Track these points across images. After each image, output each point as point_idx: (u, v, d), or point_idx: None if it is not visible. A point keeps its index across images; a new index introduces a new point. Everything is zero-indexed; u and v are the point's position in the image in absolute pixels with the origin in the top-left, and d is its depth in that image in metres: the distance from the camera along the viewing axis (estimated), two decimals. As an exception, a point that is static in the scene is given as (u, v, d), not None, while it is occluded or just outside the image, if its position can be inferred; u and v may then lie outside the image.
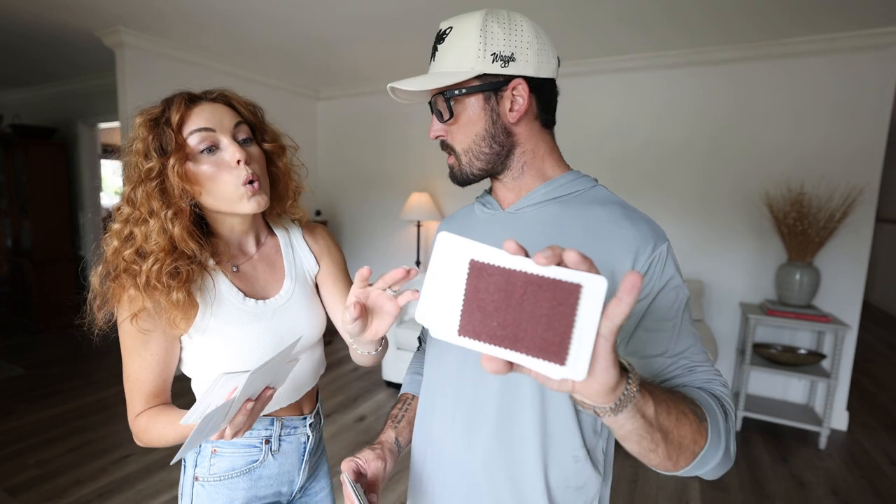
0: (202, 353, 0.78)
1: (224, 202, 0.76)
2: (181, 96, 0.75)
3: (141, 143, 0.72)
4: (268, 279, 0.86)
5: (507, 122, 0.66)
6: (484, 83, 0.64)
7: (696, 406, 0.52)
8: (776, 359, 2.65)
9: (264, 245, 0.89)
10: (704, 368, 0.62)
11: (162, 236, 0.71)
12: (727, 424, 0.54)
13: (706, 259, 3.01)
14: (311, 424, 0.93)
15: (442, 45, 0.66)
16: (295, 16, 2.52)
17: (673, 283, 0.63)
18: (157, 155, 0.71)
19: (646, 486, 2.19)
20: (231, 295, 0.79)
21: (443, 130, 0.69)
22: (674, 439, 0.48)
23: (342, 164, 4.31)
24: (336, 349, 3.97)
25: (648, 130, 3.07)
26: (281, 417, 0.87)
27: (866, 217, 2.59)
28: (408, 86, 0.65)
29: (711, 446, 0.51)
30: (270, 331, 0.81)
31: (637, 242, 0.62)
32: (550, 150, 0.71)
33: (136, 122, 0.74)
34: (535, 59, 0.64)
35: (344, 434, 2.60)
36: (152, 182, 0.72)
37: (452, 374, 0.72)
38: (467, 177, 0.69)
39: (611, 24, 2.51)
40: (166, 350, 0.77)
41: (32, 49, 3.17)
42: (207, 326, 0.77)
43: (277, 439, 0.87)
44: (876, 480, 2.29)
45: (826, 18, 2.33)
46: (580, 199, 0.68)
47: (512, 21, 0.64)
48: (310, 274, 0.93)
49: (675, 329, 0.63)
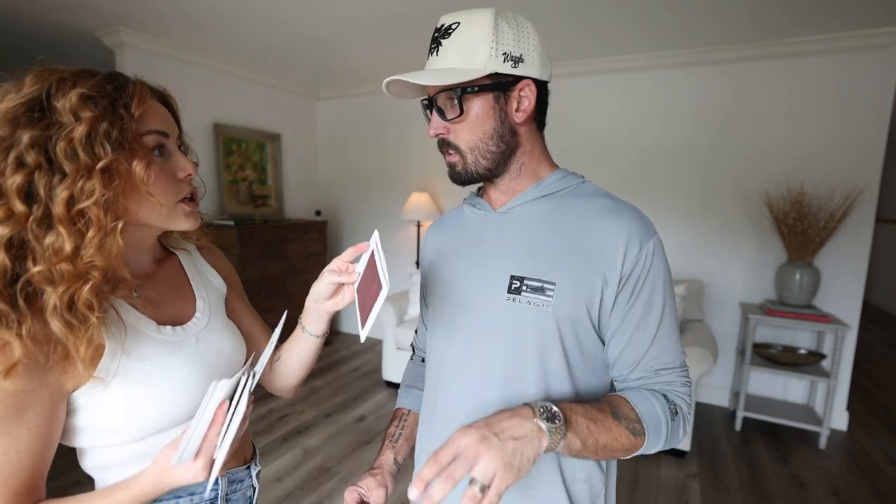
0: (113, 406, 0.59)
1: (154, 215, 0.62)
2: (141, 84, 0.61)
3: (86, 125, 0.53)
4: (176, 302, 0.71)
5: (514, 122, 0.67)
6: (495, 82, 0.64)
7: (636, 422, 0.62)
8: (776, 359, 2.65)
9: (163, 264, 0.74)
10: (668, 371, 0.67)
11: (100, 254, 0.55)
12: (673, 423, 0.65)
13: (706, 259, 3.00)
14: (257, 473, 0.80)
15: (447, 39, 0.64)
16: (295, 16, 2.52)
17: (657, 282, 0.66)
18: (112, 148, 0.55)
19: (646, 486, 2.19)
20: (141, 324, 0.63)
21: (444, 128, 0.68)
22: (606, 454, 0.61)
23: (342, 164, 4.31)
24: (336, 349, 3.97)
25: (649, 130, 3.07)
26: (226, 472, 0.73)
27: (866, 217, 2.59)
28: (416, 79, 0.63)
29: (649, 446, 0.63)
30: (198, 359, 0.67)
31: (627, 234, 0.64)
32: (543, 150, 0.73)
33: (63, 88, 0.54)
34: (539, 62, 0.66)
35: (344, 434, 2.60)
36: (101, 181, 0.54)
37: (456, 374, 0.72)
38: (472, 175, 0.69)
39: (611, 23, 2.51)
40: (50, 419, 0.55)
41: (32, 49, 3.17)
42: (119, 369, 0.59)
43: (224, 500, 0.72)
44: (876, 480, 2.29)
45: (826, 18, 2.33)
46: (569, 195, 0.70)
47: (518, 22, 0.65)
48: (220, 294, 0.80)
49: (654, 328, 0.66)
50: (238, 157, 3.59)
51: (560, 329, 0.65)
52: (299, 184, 4.21)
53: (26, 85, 0.54)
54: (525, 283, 0.66)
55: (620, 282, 0.64)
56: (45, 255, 0.53)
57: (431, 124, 0.69)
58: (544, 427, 0.53)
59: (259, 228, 3.32)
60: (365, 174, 4.19)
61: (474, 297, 0.71)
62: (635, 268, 0.64)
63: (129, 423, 0.60)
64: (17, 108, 0.53)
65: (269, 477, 2.20)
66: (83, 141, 0.53)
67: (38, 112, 0.53)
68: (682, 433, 0.67)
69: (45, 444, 0.55)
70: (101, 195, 0.54)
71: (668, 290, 0.67)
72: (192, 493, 0.68)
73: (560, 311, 0.65)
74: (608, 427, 0.59)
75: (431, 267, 0.81)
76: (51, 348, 0.53)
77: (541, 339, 0.66)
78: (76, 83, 0.55)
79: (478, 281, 0.71)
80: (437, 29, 0.66)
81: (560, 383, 0.67)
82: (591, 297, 0.65)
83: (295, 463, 2.32)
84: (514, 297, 0.67)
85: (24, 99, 0.53)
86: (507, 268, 0.68)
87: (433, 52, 0.66)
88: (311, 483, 2.16)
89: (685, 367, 0.69)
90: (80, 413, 0.59)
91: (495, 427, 0.52)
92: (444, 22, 0.65)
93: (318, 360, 3.67)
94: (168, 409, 0.62)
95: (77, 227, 0.54)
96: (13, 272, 0.52)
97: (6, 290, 0.52)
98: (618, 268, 0.64)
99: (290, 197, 4.11)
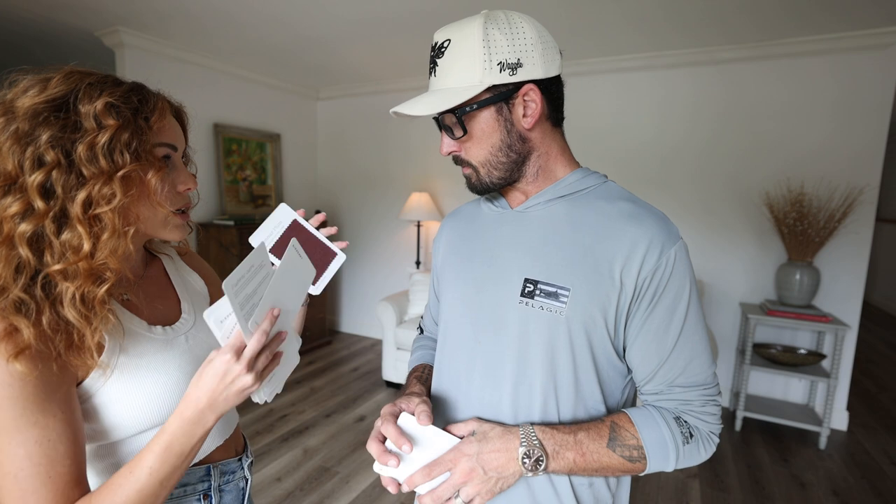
0: (113, 401, 0.60)
1: (148, 224, 0.64)
2: (163, 99, 0.64)
3: (109, 133, 0.55)
4: (163, 303, 0.73)
5: (522, 128, 0.65)
6: (494, 95, 0.62)
7: (634, 449, 0.62)
8: (776, 359, 2.65)
9: (148, 268, 0.75)
10: (686, 389, 0.64)
11: (113, 256, 0.56)
12: (687, 447, 0.63)
13: (706, 259, 3.01)
14: (249, 465, 0.82)
15: (442, 59, 0.63)
16: (295, 16, 2.52)
17: (680, 291, 0.62)
18: (131, 157, 0.57)
19: (646, 487, 2.19)
20: (133, 324, 0.65)
21: (455, 146, 0.67)
22: (601, 474, 0.63)
23: (342, 163, 4.31)
24: (336, 349, 3.97)
25: (649, 130, 3.07)
26: (217, 463, 0.74)
27: (866, 217, 2.59)
28: (413, 111, 0.62)
29: (655, 469, 0.63)
30: (191, 355, 0.68)
31: (647, 240, 0.62)
32: (562, 149, 0.70)
33: (91, 93, 0.56)
34: (542, 59, 0.62)
35: (344, 434, 2.60)
36: (121, 187, 0.56)
37: (462, 373, 0.72)
38: (487, 186, 0.68)
39: (610, 23, 2.51)
40: (72, 405, 0.56)
41: (32, 49, 3.17)
42: (118, 364, 0.60)
43: (217, 491, 0.73)
44: (876, 480, 2.29)
45: (826, 19, 2.33)
46: (589, 196, 0.68)
47: (511, 24, 0.61)
48: (203, 296, 0.82)
49: (673, 341, 0.63)
50: (238, 157, 3.59)
51: (572, 338, 0.63)
52: (299, 184, 4.21)
53: (52, 84, 0.56)
54: (539, 287, 0.65)
55: (637, 290, 0.62)
56: (62, 252, 0.54)
57: (442, 144, 0.68)
58: (528, 474, 0.60)
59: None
60: (365, 174, 4.20)
61: (486, 296, 0.70)
62: (654, 276, 0.61)
63: (128, 419, 0.61)
64: (41, 105, 0.54)
65: (269, 477, 2.20)
66: (104, 148, 0.55)
67: (62, 113, 0.55)
68: (705, 454, 0.65)
69: (76, 431, 0.55)
70: (120, 201, 0.56)
71: (693, 300, 0.63)
72: (184, 485, 0.69)
73: (574, 319, 0.63)
74: (598, 459, 0.61)
75: (446, 261, 0.80)
76: (63, 336, 0.54)
77: (551, 347, 0.64)
78: (103, 90, 0.57)
79: (491, 280, 0.70)
80: (433, 48, 0.65)
81: (567, 394, 0.65)
82: (607, 305, 0.62)
83: (295, 463, 2.32)
84: (527, 301, 0.65)
85: (49, 97, 0.54)
86: (522, 269, 0.67)
87: (432, 73, 0.65)
88: (311, 483, 2.16)
89: (711, 384, 0.65)
90: (85, 407, 0.59)
91: (484, 458, 0.60)
92: (437, 40, 0.64)
93: (318, 360, 3.68)
94: (164, 405, 0.63)
95: (94, 230, 0.56)
96: (35, 268, 0.54)
97: (27, 281, 0.54)
98: (634, 275, 0.61)
99: (290, 197, 4.11)
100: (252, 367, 0.54)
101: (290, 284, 0.60)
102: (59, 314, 0.54)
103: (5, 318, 0.52)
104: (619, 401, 0.70)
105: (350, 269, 4.38)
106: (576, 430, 0.62)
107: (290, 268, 0.59)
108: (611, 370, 0.67)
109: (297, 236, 0.73)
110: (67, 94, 0.55)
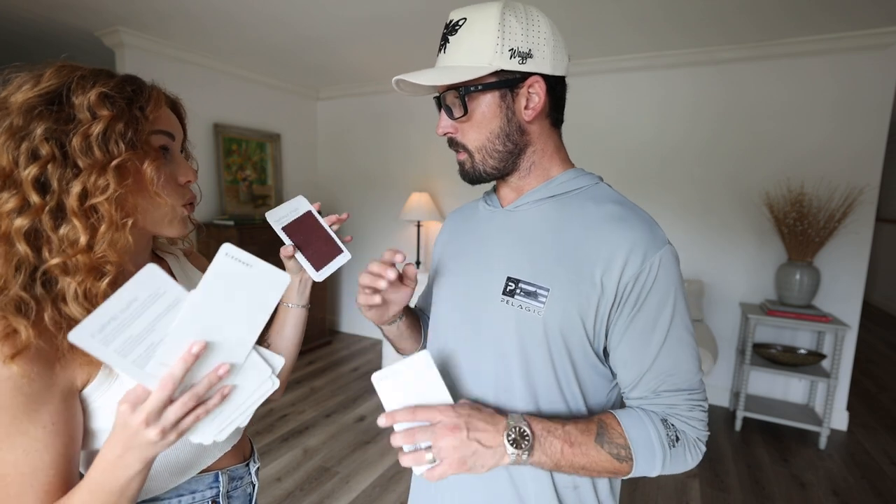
0: (116, 405, 0.56)
1: (151, 220, 0.62)
2: (157, 89, 0.63)
3: (103, 123, 0.54)
4: None
5: (522, 120, 0.65)
6: (501, 80, 0.62)
7: (622, 448, 0.60)
8: (776, 359, 2.65)
9: None
10: (672, 393, 0.63)
11: (112, 249, 0.55)
12: (673, 450, 0.61)
13: (706, 259, 3.00)
14: (256, 470, 0.81)
15: (454, 36, 0.63)
16: (295, 16, 2.52)
17: (664, 297, 0.61)
18: (126, 147, 0.55)
19: (646, 487, 2.19)
20: None
21: (452, 127, 0.67)
22: (588, 473, 0.61)
23: (342, 163, 4.31)
24: (336, 349, 3.97)
25: (648, 130, 3.07)
26: (226, 469, 0.73)
27: (866, 217, 2.59)
28: (419, 79, 0.62)
29: (641, 472, 0.61)
30: None
31: (629, 244, 0.60)
32: (557, 148, 0.70)
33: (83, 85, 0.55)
34: (552, 55, 0.63)
35: (344, 434, 2.60)
36: (115, 177, 0.55)
37: (448, 370, 0.72)
38: (480, 175, 0.68)
39: (610, 23, 2.51)
40: (65, 416, 0.54)
41: (32, 49, 3.17)
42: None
43: (226, 497, 0.73)
44: (876, 480, 2.29)
45: (826, 19, 2.33)
46: (579, 197, 0.67)
47: (529, 16, 0.62)
48: None
49: (657, 348, 0.62)
50: (238, 157, 3.59)
51: (548, 338, 0.63)
52: (299, 184, 4.21)
53: (45, 78, 0.55)
54: (520, 286, 0.64)
55: (619, 295, 0.61)
56: (60, 247, 0.53)
57: (439, 123, 0.67)
58: (509, 451, 0.57)
59: (259, 228, 3.32)
60: (365, 174, 4.19)
61: (472, 294, 0.70)
62: (637, 281, 0.60)
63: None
64: (34, 100, 0.53)
65: (269, 477, 2.20)
66: (99, 138, 0.54)
67: (55, 105, 0.54)
68: (691, 460, 0.63)
69: (66, 442, 0.54)
70: (115, 191, 0.55)
71: (678, 306, 0.62)
72: (193, 492, 0.68)
73: (551, 319, 0.62)
74: (586, 452, 0.59)
75: (441, 257, 0.81)
76: (61, 337, 0.52)
77: (524, 345, 0.64)
78: (96, 82, 0.56)
79: (478, 279, 0.70)
80: (446, 25, 0.65)
81: (548, 396, 0.65)
82: (586, 307, 0.61)
83: (295, 463, 2.32)
84: (507, 300, 0.65)
85: (43, 91, 0.54)
86: (506, 268, 0.67)
87: (442, 49, 0.65)
88: (311, 483, 2.16)
89: (697, 389, 0.64)
90: (95, 415, 0.58)
91: (473, 422, 0.57)
92: (453, 18, 0.64)
93: (318, 360, 3.68)
94: None
95: (90, 222, 0.54)
96: (34, 265, 0.53)
97: (27, 279, 0.53)
98: (615, 279, 0.60)
99: (290, 197, 4.10)
100: (156, 420, 0.48)
101: (229, 305, 0.51)
102: (62, 312, 0.53)
103: (4, 317, 0.51)
104: (603, 405, 0.69)
105: (350, 269, 4.38)
106: (564, 421, 0.61)
107: (225, 284, 0.50)
108: (592, 373, 0.66)
109: (308, 225, 0.73)
110: (60, 87, 0.55)
